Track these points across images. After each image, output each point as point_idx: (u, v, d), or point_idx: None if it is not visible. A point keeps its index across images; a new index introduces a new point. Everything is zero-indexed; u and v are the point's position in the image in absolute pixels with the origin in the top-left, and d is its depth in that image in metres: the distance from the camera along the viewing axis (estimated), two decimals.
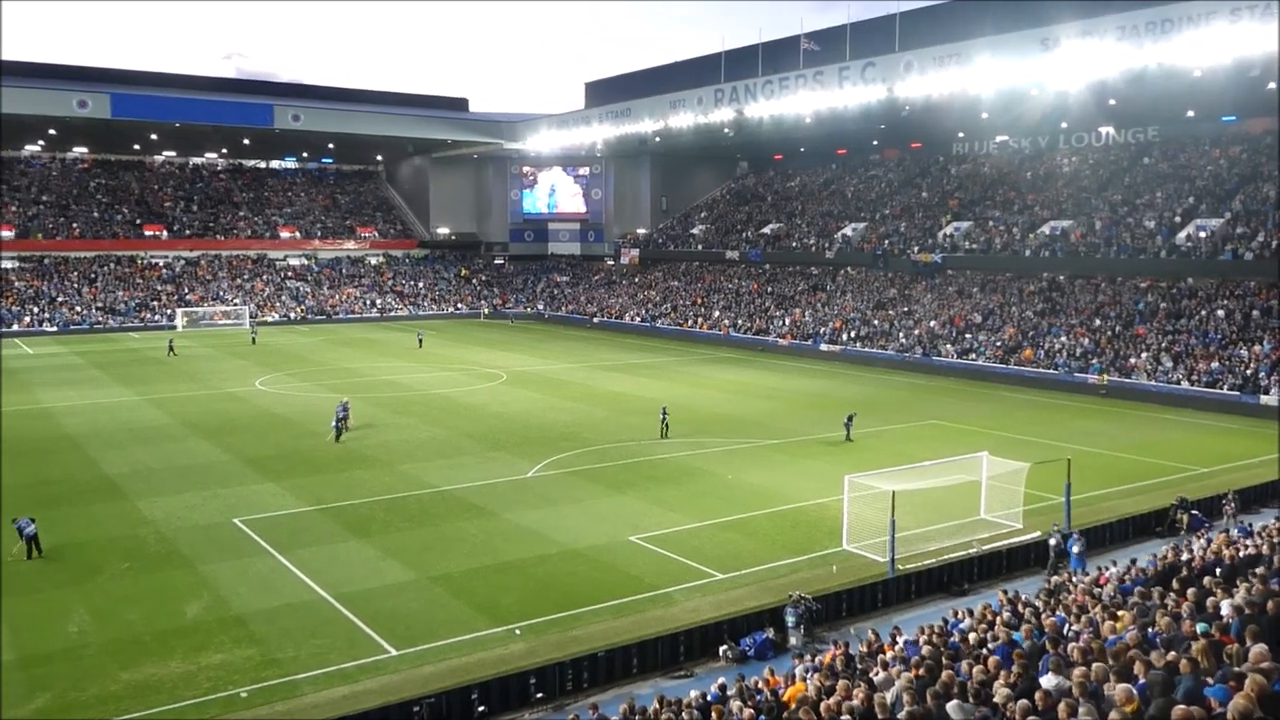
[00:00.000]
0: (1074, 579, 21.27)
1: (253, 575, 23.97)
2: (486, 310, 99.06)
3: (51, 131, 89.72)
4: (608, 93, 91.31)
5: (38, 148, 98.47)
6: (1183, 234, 58.53)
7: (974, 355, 58.84)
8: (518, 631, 20.69)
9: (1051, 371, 54.07)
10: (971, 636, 15.74)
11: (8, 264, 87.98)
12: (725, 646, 20.23)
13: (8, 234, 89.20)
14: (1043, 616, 16.20)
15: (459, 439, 39.60)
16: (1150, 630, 13.24)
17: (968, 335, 61.06)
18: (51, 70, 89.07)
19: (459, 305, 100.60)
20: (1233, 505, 28.59)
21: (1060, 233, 65.13)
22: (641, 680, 19.33)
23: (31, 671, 18.77)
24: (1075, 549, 24.57)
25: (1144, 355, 51.58)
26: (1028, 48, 51.75)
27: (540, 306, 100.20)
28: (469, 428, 41.85)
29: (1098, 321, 56.73)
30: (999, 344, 58.50)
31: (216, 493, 31.32)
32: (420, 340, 72.85)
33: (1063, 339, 56.27)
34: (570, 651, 19.44)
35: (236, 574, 24.01)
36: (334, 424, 39.54)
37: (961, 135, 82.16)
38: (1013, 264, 66.19)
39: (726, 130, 76.42)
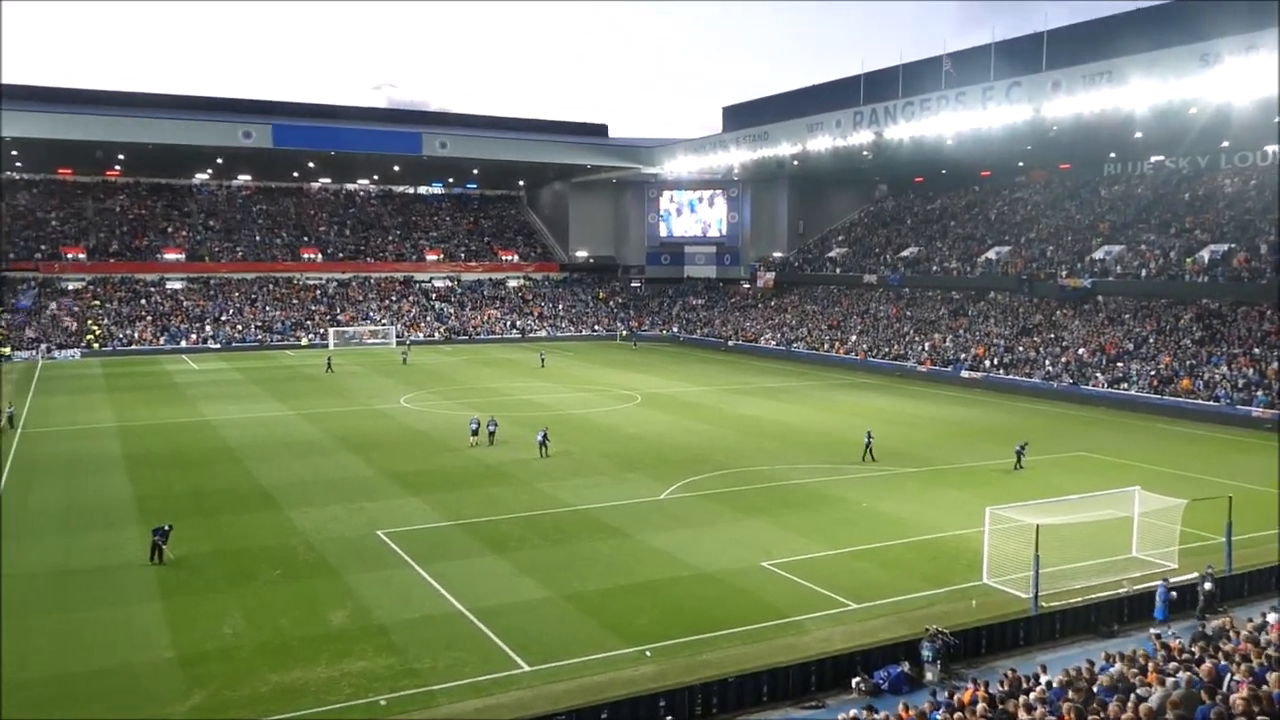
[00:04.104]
0: (1165, 631, 20.18)
1: (394, 586, 24.79)
2: (624, 332, 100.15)
3: (219, 161, 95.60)
4: (745, 117, 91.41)
5: (206, 176, 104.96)
6: None
7: (1126, 385, 56.22)
8: (648, 653, 20.77)
9: (1211, 404, 51.21)
10: (1121, 681, 14.99)
11: (177, 285, 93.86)
12: (858, 678, 19.80)
13: (178, 256, 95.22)
14: (1201, 664, 15.30)
15: (594, 459, 40.10)
16: None
17: (1119, 364, 58.42)
18: (219, 104, 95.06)
19: (596, 327, 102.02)
20: None
21: (1221, 257, 61.76)
22: (771, 709, 19.09)
23: (190, 670, 19.85)
24: (1161, 598, 22.82)
25: None
26: (1186, 64, 49.42)
27: (675, 329, 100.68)
28: (604, 448, 42.33)
29: (1260, 351, 53.48)
30: (1154, 373, 55.75)
31: (362, 506, 32.54)
32: (542, 360, 74.44)
33: (1224, 369, 53.24)
34: (700, 676, 19.37)
35: (379, 584, 24.88)
36: (476, 432, 42.77)
37: (1113, 155, 78.93)
38: (1169, 289, 63.09)
39: (865, 153, 75.46)
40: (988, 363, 65.43)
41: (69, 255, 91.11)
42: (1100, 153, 77.71)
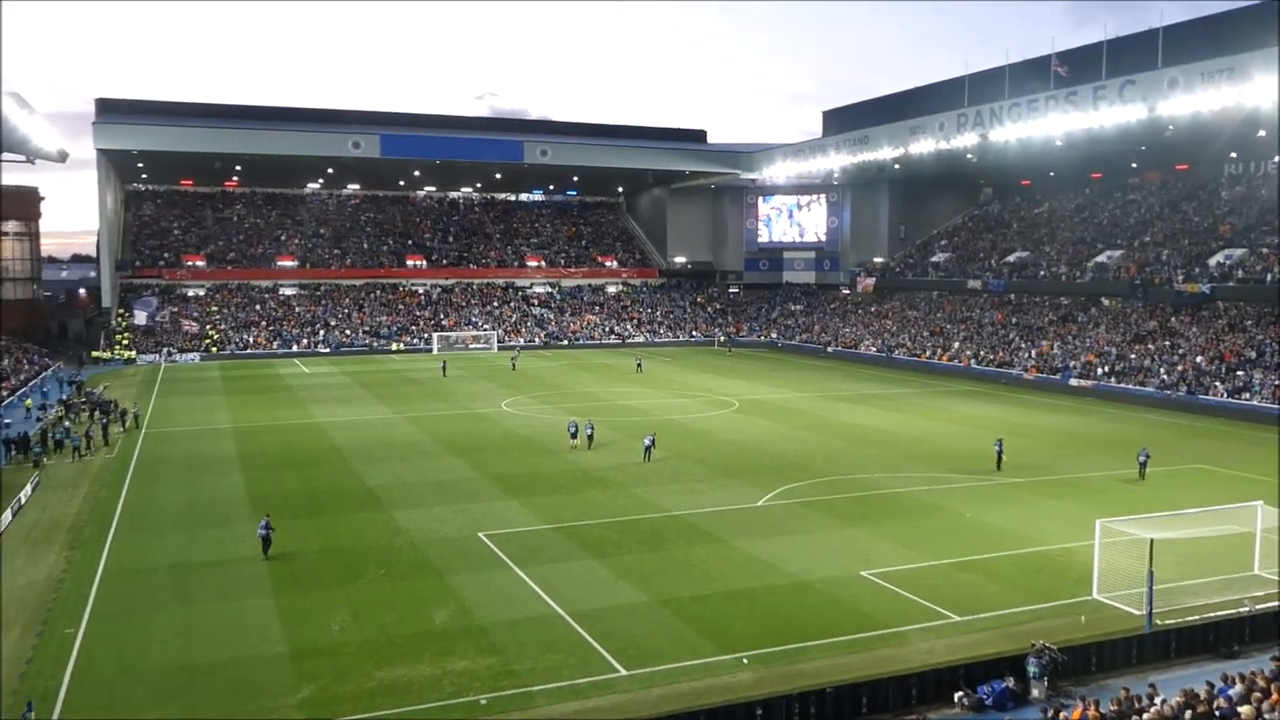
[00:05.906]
0: None
1: (494, 587, 25.20)
2: (721, 338, 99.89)
3: (330, 170, 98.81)
4: (845, 121, 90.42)
5: (317, 185, 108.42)
6: None
7: (1248, 395, 53.79)
8: (745, 660, 20.69)
9: None
10: (1244, 707, 14.39)
11: (290, 291, 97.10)
12: (961, 693, 19.39)
13: (291, 264, 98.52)
14: None
15: (691, 465, 40.10)
16: None
17: (1240, 373, 55.92)
18: (330, 115, 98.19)
19: (694, 333, 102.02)
20: None
21: None
22: None
23: (301, 665, 20.51)
24: None
25: None
26: None
27: (774, 335, 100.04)
28: (701, 454, 42.30)
29: None
30: (1278, 383, 53.21)
31: (464, 507, 33.17)
32: (639, 365, 74.79)
33: None
34: (798, 685, 19.20)
35: (480, 585, 25.32)
36: (575, 435, 43.61)
37: (1234, 155, 75.69)
38: None
39: (969, 156, 73.95)
40: (1099, 370, 63.35)
41: (190, 263, 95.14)
42: (1220, 152, 74.59)
